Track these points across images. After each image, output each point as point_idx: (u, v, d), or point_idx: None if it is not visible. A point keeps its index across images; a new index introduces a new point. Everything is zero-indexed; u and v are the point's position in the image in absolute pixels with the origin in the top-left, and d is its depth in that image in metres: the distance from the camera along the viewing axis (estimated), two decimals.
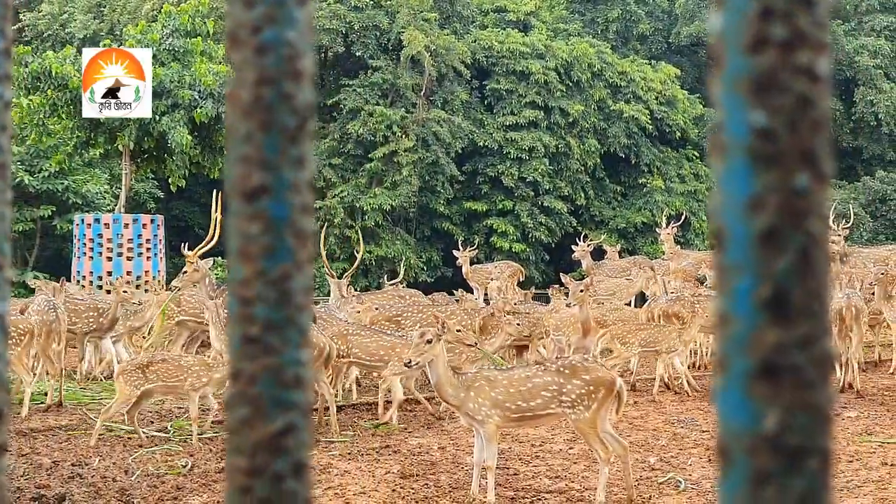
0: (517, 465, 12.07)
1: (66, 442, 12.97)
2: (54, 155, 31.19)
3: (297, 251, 0.98)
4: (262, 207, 0.98)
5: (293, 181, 0.98)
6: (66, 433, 13.49)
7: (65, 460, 11.92)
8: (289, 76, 0.92)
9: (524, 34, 43.55)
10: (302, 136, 0.98)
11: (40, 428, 13.74)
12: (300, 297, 0.99)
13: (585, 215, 42.44)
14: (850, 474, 11.11)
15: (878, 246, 28.16)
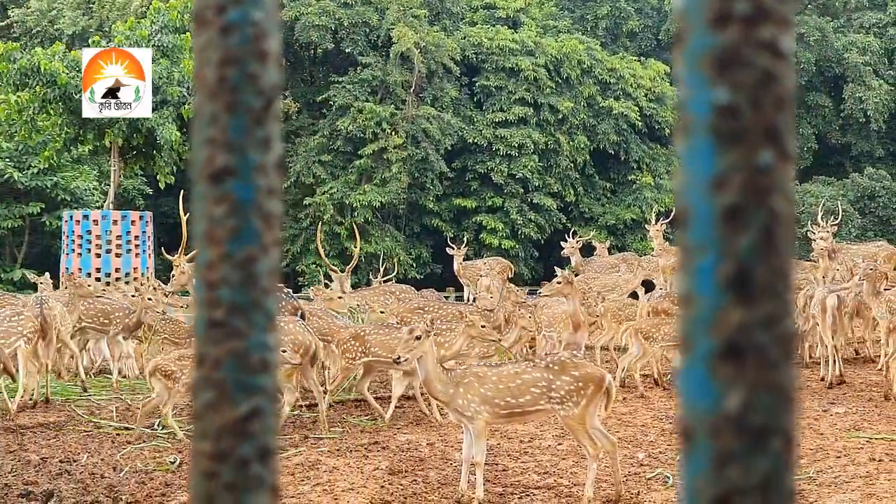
0: (506, 461, 12.04)
1: (54, 438, 12.93)
2: (43, 151, 31.12)
3: (263, 234, 0.96)
4: (227, 190, 0.96)
5: (259, 163, 0.96)
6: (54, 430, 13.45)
7: (53, 457, 11.87)
8: (254, 56, 0.90)
9: (514, 31, 43.56)
10: (268, 116, 0.95)
11: (28, 424, 13.68)
12: (266, 280, 0.96)
13: (575, 212, 42.47)
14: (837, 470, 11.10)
15: (867, 242, 28.19)
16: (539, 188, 40.88)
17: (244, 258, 0.96)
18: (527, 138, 40.57)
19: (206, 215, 0.97)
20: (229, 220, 0.95)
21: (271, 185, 0.97)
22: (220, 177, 0.96)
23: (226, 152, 0.95)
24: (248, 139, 0.96)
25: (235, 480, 0.98)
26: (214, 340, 0.96)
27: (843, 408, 14.69)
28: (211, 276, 0.96)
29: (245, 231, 0.96)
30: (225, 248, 0.95)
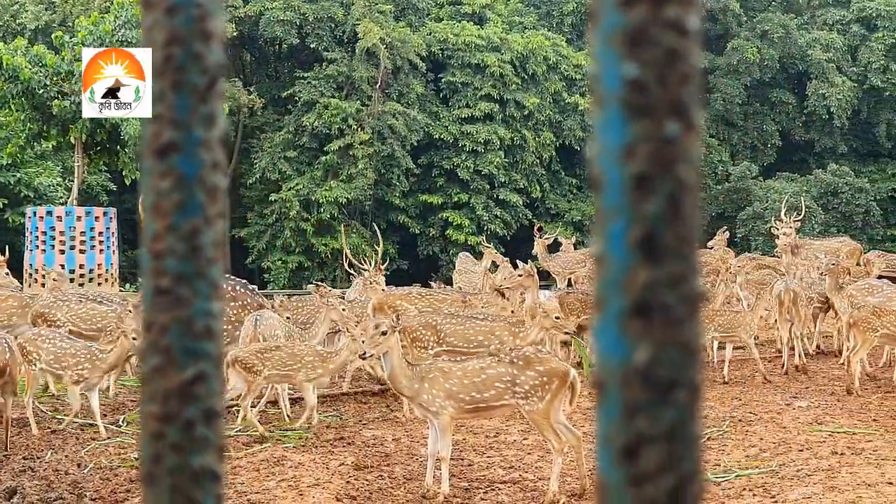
0: (471, 455, 12.07)
1: (17, 436, 12.86)
2: (6, 147, 30.91)
3: (207, 207, 0.99)
4: (172, 164, 0.99)
5: (204, 138, 0.99)
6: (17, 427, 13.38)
7: (16, 454, 11.83)
8: (198, 36, 0.94)
9: (479, 27, 43.60)
10: (212, 94, 0.99)
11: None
12: (210, 250, 1.00)
13: (541, 208, 42.57)
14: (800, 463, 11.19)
15: (830, 238, 28.42)
16: (505, 184, 40.97)
17: (189, 230, 0.99)
18: (493, 134, 40.65)
19: (153, 189, 1.00)
20: (174, 194, 0.99)
21: (215, 160, 1.00)
22: (165, 152, 0.99)
23: (171, 128, 0.98)
24: (193, 116, 0.99)
25: (182, 441, 1.02)
26: (161, 308, 0.99)
27: (806, 402, 14.81)
28: (157, 247, 0.99)
29: (189, 204, 0.99)
30: (170, 220, 0.99)
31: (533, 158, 41.79)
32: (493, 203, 40.80)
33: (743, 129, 48.50)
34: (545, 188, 42.61)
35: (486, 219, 40.22)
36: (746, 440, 12.50)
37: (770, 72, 48.17)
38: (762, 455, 11.74)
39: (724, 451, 12.00)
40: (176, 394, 1.00)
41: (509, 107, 41.65)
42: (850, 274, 20.43)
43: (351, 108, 39.68)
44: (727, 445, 12.30)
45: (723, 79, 47.58)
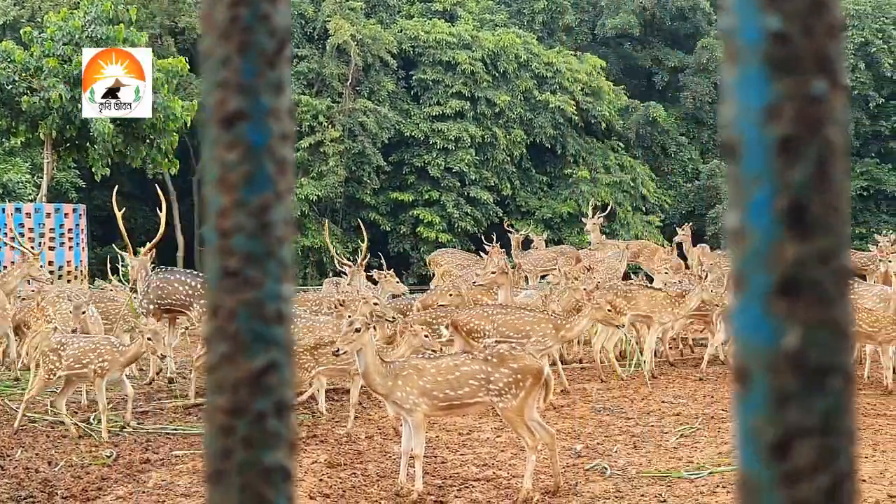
0: (445, 453, 12.05)
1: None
2: None
3: (277, 180, 0.93)
4: (240, 134, 0.93)
5: (272, 107, 0.93)
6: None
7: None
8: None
9: (450, 24, 43.54)
10: (280, 59, 0.93)
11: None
12: (281, 228, 0.93)
13: (511, 205, 42.55)
14: None
15: None
16: (476, 182, 40.93)
17: (258, 205, 0.93)
18: (463, 132, 40.60)
19: (219, 160, 0.93)
20: (242, 166, 0.92)
21: (284, 131, 0.93)
22: (232, 121, 0.93)
23: (238, 95, 0.92)
24: (261, 82, 0.93)
25: (252, 435, 0.95)
26: (228, 290, 0.93)
27: None
28: (224, 224, 0.92)
29: (259, 177, 0.93)
30: (238, 194, 0.92)
31: (504, 156, 41.76)
32: (463, 201, 40.75)
33: (713, 128, 48.62)
34: (516, 186, 42.60)
35: (456, 216, 40.18)
36: (719, 437, 12.53)
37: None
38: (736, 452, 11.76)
39: (698, 448, 12.03)
40: (246, 384, 0.93)
41: (480, 104, 41.61)
42: None
43: (321, 105, 39.54)
44: (700, 442, 12.32)
45: (693, 77, 47.70)
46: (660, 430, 13.10)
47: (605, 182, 43.18)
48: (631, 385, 15.87)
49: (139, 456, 11.63)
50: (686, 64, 48.16)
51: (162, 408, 14.43)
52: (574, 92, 43.34)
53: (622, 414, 14.18)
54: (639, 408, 14.57)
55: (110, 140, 27.96)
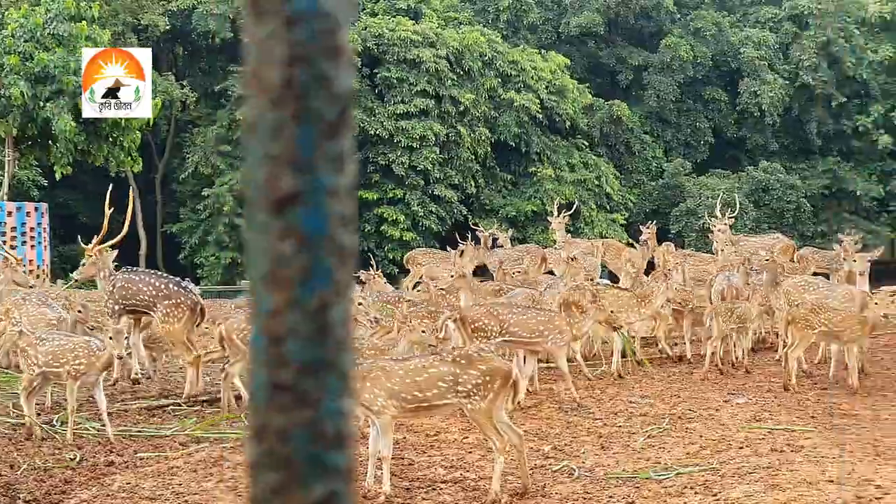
0: (412, 455, 11.98)
1: None
2: None
3: (337, 273, 0.77)
4: (295, 220, 0.76)
5: (333, 185, 0.77)
6: None
7: None
8: (326, 53, 0.72)
9: (415, 22, 43.41)
10: (342, 128, 0.77)
11: None
12: (342, 331, 0.77)
13: (476, 204, 42.48)
14: (740, 460, 11.20)
15: (764, 235, 28.58)
16: (440, 180, 40.82)
17: (317, 305, 0.76)
18: (428, 130, 40.45)
19: (269, 252, 0.76)
20: (298, 258, 0.76)
21: (345, 213, 0.79)
22: (286, 204, 0.76)
23: (293, 173, 0.75)
24: (320, 156, 0.76)
25: None
26: (280, 408, 0.76)
27: (744, 398, 14.88)
28: (275, 328, 0.75)
29: (317, 271, 0.77)
30: (293, 292, 0.76)
31: (468, 154, 41.65)
32: (428, 199, 40.62)
33: (677, 126, 48.75)
34: (480, 184, 42.51)
35: (421, 214, 40.05)
36: (687, 437, 12.51)
37: (703, 69, 48.48)
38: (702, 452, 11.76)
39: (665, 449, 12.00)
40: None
41: (445, 103, 41.48)
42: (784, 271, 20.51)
43: None
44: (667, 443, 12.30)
45: (657, 76, 47.77)
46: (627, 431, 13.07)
47: (570, 180, 43.17)
48: (598, 385, 15.82)
49: (103, 458, 11.47)
50: (650, 62, 48.23)
51: (126, 409, 14.25)
52: (538, 90, 43.31)
53: (589, 414, 14.14)
54: (606, 408, 14.53)
55: (73, 138, 27.67)
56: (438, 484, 10.74)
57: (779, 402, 14.60)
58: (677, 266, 20.47)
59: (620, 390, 15.69)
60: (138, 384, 15.88)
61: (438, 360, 10.59)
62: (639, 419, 13.70)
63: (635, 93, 48.96)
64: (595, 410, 14.34)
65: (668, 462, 11.35)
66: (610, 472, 11.09)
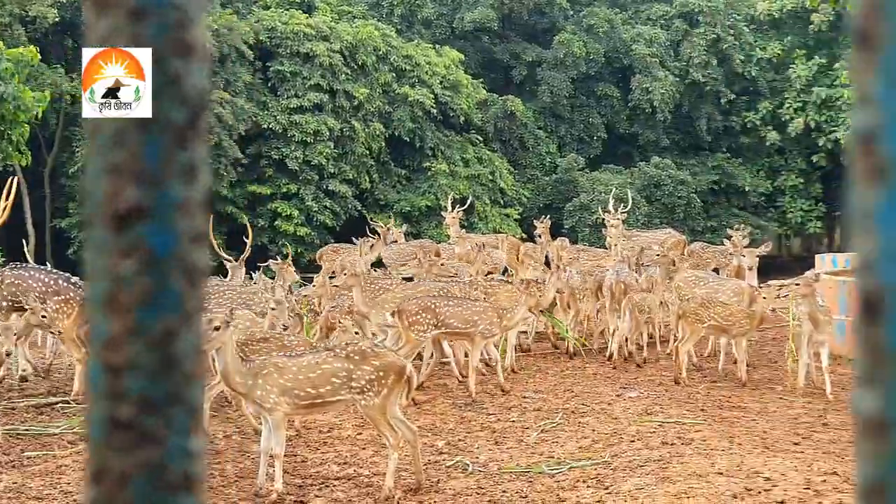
0: (305, 452, 11.95)
1: None
2: None
3: (186, 297, 0.67)
4: (138, 236, 0.67)
5: (182, 199, 0.68)
6: None
7: None
8: (176, 50, 0.64)
9: (308, 16, 43.12)
10: (194, 134, 0.69)
11: None
12: (190, 362, 0.67)
13: (370, 199, 42.37)
14: (632, 454, 11.33)
15: (656, 230, 28.90)
16: (334, 175, 40.61)
17: (161, 333, 0.67)
18: (322, 125, 40.22)
19: (108, 271, 0.67)
20: (141, 279, 0.67)
21: (196, 230, 0.68)
22: (128, 219, 0.67)
23: (137, 185, 0.67)
24: (168, 166, 0.68)
25: None
26: (120, 447, 0.66)
27: (636, 392, 15.05)
28: (113, 359, 0.66)
29: (163, 294, 0.67)
30: (135, 318, 0.66)
31: (362, 149, 41.50)
32: (322, 194, 40.39)
33: (570, 122, 49.12)
34: (374, 179, 42.40)
35: (315, 209, 39.81)
36: (580, 432, 12.62)
37: (596, 66, 48.92)
38: (595, 446, 11.87)
39: (558, 443, 12.09)
40: None
41: (339, 97, 41.29)
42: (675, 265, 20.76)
43: None
44: (561, 437, 12.39)
45: (550, 72, 48.07)
46: (521, 426, 13.14)
47: (464, 175, 43.27)
48: (491, 380, 15.87)
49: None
50: (543, 58, 48.52)
51: (14, 408, 13.97)
52: (433, 85, 43.33)
53: (483, 410, 14.18)
54: (500, 403, 14.59)
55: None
56: (332, 481, 10.72)
57: (670, 396, 14.79)
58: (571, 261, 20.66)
59: (514, 385, 15.77)
60: (26, 381, 15.59)
61: (332, 357, 10.56)
62: (532, 414, 13.78)
63: (529, 88, 49.22)
64: (488, 406, 14.39)
65: (561, 456, 11.43)
66: (503, 466, 11.14)
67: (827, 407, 14.14)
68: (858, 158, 0.57)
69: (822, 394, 14.79)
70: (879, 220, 0.56)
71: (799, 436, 12.33)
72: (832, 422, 13.21)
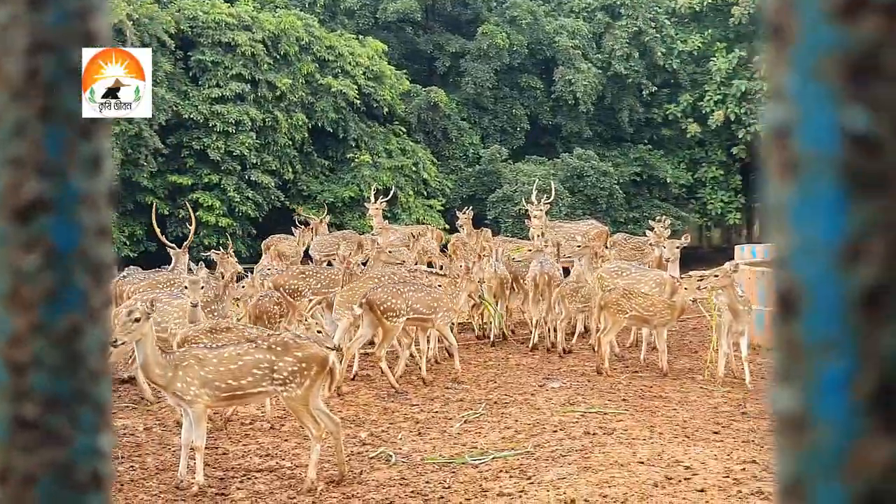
0: (226, 444, 11.89)
1: None
2: None
3: (91, 294, 0.66)
4: (41, 231, 0.66)
5: (86, 192, 0.67)
6: None
7: None
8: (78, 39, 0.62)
9: (230, 5, 42.75)
10: (98, 125, 0.67)
11: None
12: (96, 359, 0.67)
13: (293, 190, 42.14)
14: (554, 444, 11.40)
15: (578, 221, 29.09)
16: (257, 165, 40.33)
17: (66, 329, 0.66)
18: (244, 115, 39.91)
19: (10, 266, 0.66)
20: (45, 275, 0.66)
21: (102, 224, 0.67)
22: (30, 213, 0.65)
23: (39, 177, 0.65)
24: (72, 158, 0.66)
25: None
26: (25, 447, 0.65)
27: (558, 383, 15.13)
28: (17, 356, 0.64)
29: (67, 290, 0.66)
30: (38, 315, 0.65)
31: (285, 140, 41.26)
32: (244, 184, 40.09)
33: (493, 113, 49.23)
34: (297, 170, 42.17)
35: (237, 200, 39.51)
36: (502, 422, 12.67)
37: (519, 57, 49.06)
38: (518, 436, 11.94)
39: (481, 434, 12.13)
40: None
41: (261, 87, 41.00)
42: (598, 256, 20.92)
43: None
44: (483, 428, 12.43)
45: (473, 63, 48.13)
46: (444, 417, 13.18)
47: (387, 166, 43.21)
48: (415, 371, 15.89)
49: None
50: (467, 49, 48.58)
51: None
52: (356, 76, 43.20)
53: (407, 400, 14.19)
54: (423, 394, 14.62)
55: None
56: (253, 473, 10.68)
57: (592, 386, 14.89)
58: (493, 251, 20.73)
59: (437, 376, 15.79)
60: None
61: (253, 348, 10.53)
62: (455, 405, 13.82)
63: (452, 80, 49.27)
64: (412, 396, 14.42)
65: (484, 447, 11.48)
66: (427, 457, 11.17)
67: (746, 396, 14.32)
68: (772, 153, 0.57)
69: (742, 383, 14.98)
70: (793, 215, 0.55)
71: (719, 425, 12.49)
72: (751, 411, 13.39)
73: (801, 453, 0.56)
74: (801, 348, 0.55)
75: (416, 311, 15.16)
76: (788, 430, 0.53)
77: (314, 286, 18.04)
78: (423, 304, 15.20)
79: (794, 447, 0.52)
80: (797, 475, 0.57)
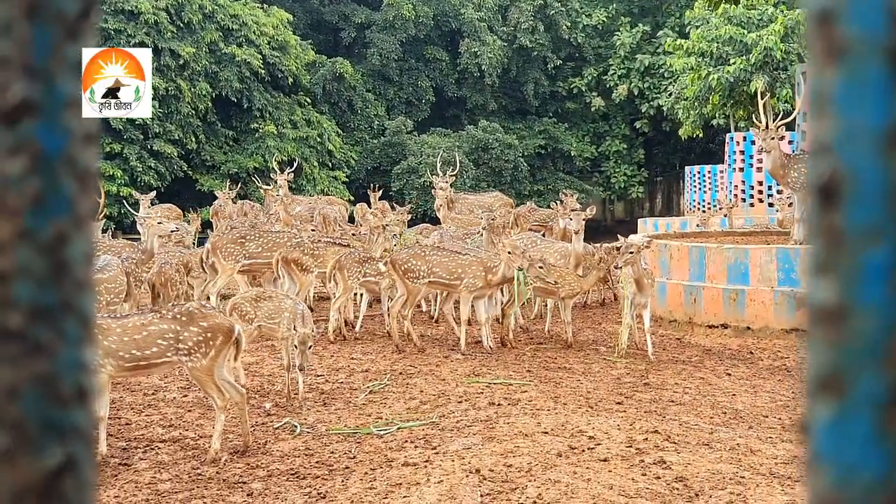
0: (129, 414, 11.74)
1: None
2: None
3: (77, 200, 0.65)
4: (27, 135, 0.64)
5: (73, 96, 0.64)
6: None
7: None
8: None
9: None
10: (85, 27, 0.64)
11: None
12: (82, 269, 0.65)
13: (196, 160, 41.72)
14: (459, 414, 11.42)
15: (483, 193, 29.18)
16: (159, 135, 39.84)
17: (52, 237, 0.64)
18: None
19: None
20: (31, 180, 0.63)
21: (88, 129, 0.65)
22: (16, 116, 0.63)
23: (26, 79, 0.63)
24: (58, 61, 0.64)
25: None
26: (9, 360, 0.63)
27: (463, 354, 15.16)
28: (2, 264, 0.63)
29: (54, 196, 0.64)
30: (23, 221, 0.63)
31: (188, 109, 40.79)
32: (147, 154, 39.59)
33: (399, 85, 49.15)
34: (201, 140, 41.74)
35: (140, 170, 39.01)
36: (408, 392, 12.67)
37: (425, 29, 49.00)
38: (423, 407, 11.94)
39: (386, 405, 12.12)
40: (33, 492, 0.63)
41: (164, 56, 40.46)
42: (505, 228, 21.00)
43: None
44: (389, 398, 12.42)
45: (379, 34, 47.98)
46: (349, 387, 13.14)
47: (292, 137, 42.96)
48: (320, 342, 15.83)
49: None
50: (373, 20, 48.40)
51: None
52: (261, 45, 42.82)
53: (312, 371, 14.14)
54: (328, 364, 14.57)
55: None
56: (157, 443, 10.56)
57: (497, 358, 14.94)
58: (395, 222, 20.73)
59: (342, 347, 15.76)
60: None
61: (158, 318, 10.37)
62: (360, 375, 13.78)
63: (358, 51, 49.07)
64: (317, 367, 14.35)
65: (389, 417, 11.47)
66: (331, 427, 11.14)
67: (649, 367, 14.47)
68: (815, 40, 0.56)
69: (644, 355, 15.13)
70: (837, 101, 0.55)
71: (622, 395, 12.60)
72: (653, 382, 13.53)
73: (841, 344, 0.56)
74: (842, 236, 0.56)
75: (437, 276, 15.35)
76: (827, 321, 0.52)
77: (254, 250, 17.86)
78: (446, 270, 15.38)
79: (833, 338, 0.52)
80: (835, 367, 0.56)
